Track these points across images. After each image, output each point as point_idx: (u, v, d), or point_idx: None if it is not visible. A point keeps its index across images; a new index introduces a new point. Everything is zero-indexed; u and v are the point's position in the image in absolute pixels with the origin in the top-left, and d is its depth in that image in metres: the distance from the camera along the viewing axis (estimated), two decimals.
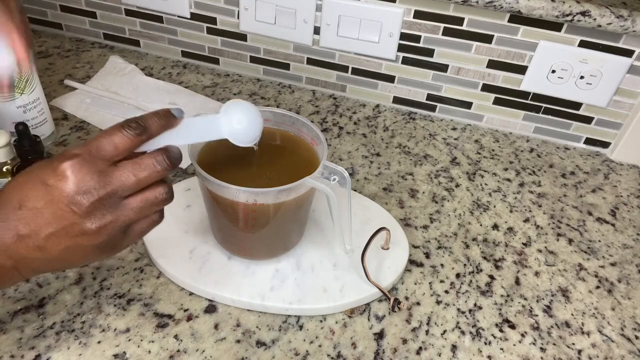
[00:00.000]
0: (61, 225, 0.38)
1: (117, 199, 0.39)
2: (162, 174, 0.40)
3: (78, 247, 0.39)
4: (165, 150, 0.41)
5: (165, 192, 0.41)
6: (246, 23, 0.85)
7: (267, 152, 0.55)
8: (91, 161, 0.38)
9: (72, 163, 0.37)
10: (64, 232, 0.38)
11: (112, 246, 0.40)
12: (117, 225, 0.39)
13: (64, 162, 0.37)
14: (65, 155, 0.38)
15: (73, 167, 0.37)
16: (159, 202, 0.41)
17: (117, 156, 0.39)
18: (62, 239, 0.38)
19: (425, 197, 0.70)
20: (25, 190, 0.38)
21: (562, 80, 0.77)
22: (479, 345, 0.53)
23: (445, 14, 0.76)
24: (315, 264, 0.57)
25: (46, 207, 0.37)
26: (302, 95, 0.88)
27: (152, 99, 0.81)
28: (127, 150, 0.39)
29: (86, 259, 0.41)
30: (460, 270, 0.60)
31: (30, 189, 0.38)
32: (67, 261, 0.40)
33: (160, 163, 0.40)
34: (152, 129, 0.41)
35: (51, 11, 0.95)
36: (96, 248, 0.39)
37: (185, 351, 0.49)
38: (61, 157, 0.38)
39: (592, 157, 0.82)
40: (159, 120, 0.41)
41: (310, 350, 0.50)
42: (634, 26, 0.69)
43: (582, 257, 0.64)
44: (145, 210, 0.41)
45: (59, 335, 0.49)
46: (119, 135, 0.39)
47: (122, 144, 0.39)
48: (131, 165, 0.39)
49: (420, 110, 0.87)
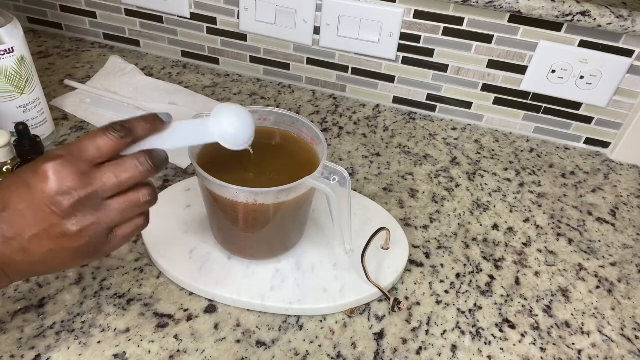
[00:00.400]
0: (43, 226, 0.37)
1: (99, 200, 0.39)
2: (145, 176, 0.40)
3: (60, 249, 0.39)
4: (148, 152, 0.40)
5: (149, 193, 0.41)
6: (246, 23, 0.85)
7: (267, 152, 0.55)
8: (73, 162, 0.37)
9: (54, 164, 0.37)
10: (45, 233, 0.38)
11: (94, 250, 0.40)
12: (99, 227, 0.39)
13: (46, 164, 0.37)
14: (47, 156, 0.38)
15: (54, 168, 0.37)
16: (142, 204, 0.41)
17: (99, 158, 0.39)
18: (44, 241, 0.38)
19: (425, 197, 0.70)
20: (10, 192, 0.38)
21: (562, 80, 0.77)
22: (479, 345, 0.53)
23: (445, 14, 0.76)
24: (315, 264, 0.57)
25: (29, 208, 0.37)
26: (302, 95, 0.88)
27: (152, 99, 0.81)
28: (110, 152, 0.39)
29: (70, 263, 0.41)
30: (460, 270, 0.60)
31: (15, 191, 0.38)
32: (50, 264, 0.40)
33: (143, 164, 0.40)
34: (137, 132, 0.40)
35: (51, 11, 0.95)
36: (78, 251, 0.39)
37: (185, 351, 0.49)
38: (44, 158, 0.38)
39: (592, 157, 0.82)
40: (145, 124, 0.41)
41: (310, 350, 0.50)
42: (634, 26, 0.69)
43: (582, 257, 0.64)
44: (127, 212, 0.40)
45: (59, 335, 0.49)
46: (103, 137, 0.39)
47: (105, 146, 0.39)
48: (113, 167, 0.39)
49: (420, 110, 0.87)
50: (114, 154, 0.39)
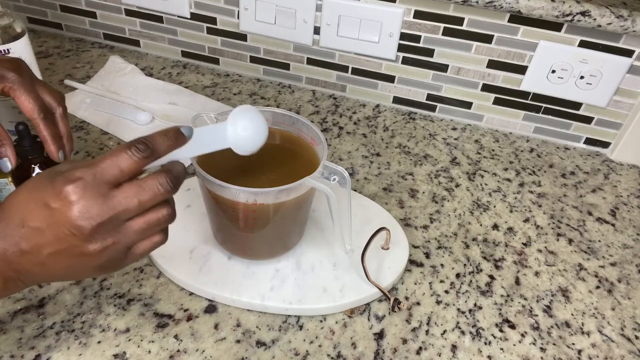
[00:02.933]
0: (63, 246, 0.38)
1: (120, 222, 0.39)
2: (164, 197, 0.40)
3: (79, 265, 0.39)
4: (168, 172, 0.40)
5: (168, 213, 0.41)
6: (246, 23, 0.85)
7: (267, 152, 0.55)
8: (94, 185, 0.37)
9: (75, 187, 0.37)
10: (65, 252, 0.38)
11: (113, 266, 0.41)
12: (118, 247, 0.39)
13: (67, 186, 0.37)
14: (68, 177, 0.37)
15: (75, 191, 0.37)
16: (161, 223, 0.41)
17: (121, 179, 0.38)
18: (63, 258, 0.38)
19: (425, 197, 0.70)
20: (27, 210, 0.38)
21: (562, 80, 0.77)
22: (479, 345, 0.53)
23: (445, 14, 0.76)
24: (315, 264, 0.57)
25: (48, 228, 0.37)
26: (302, 95, 0.88)
27: (152, 99, 0.81)
28: (132, 173, 0.39)
29: (88, 275, 0.42)
30: (460, 270, 0.60)
31: (33, 209, 0.37)
32: (69, 276, 0.41)
33: (164, 185, 0.39)
34: (159, 150, 0.40)
35: (51, 11, 0.95)
36: (97, 267, 0.40)
37: (185, 351, 0.49)
38: (64, 179, 0.37)
39: (592, 157, 0.82)
40: (167, 141, 0.40)
41: (310, 350, 0.50)
42: (634, 26, 0.69)
43: (582, 257, 0.64)
44: (147, 232, 0.40)
45: (59, 335, 0.49)
46: (125, 157, 0.38)
47: (127, 167, 0.38)
48: (134, 189, 0.39)
49: (420, 110, 0.87)
50: (135, 173, 0.39)
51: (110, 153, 0.38)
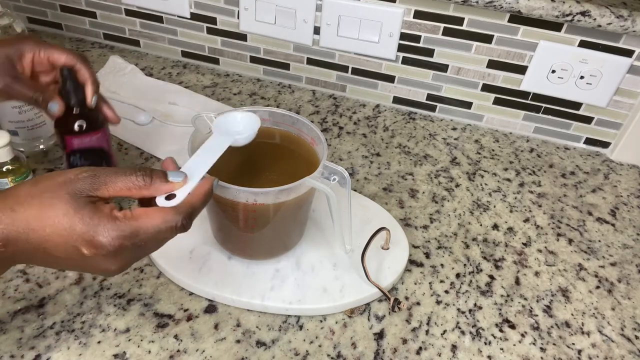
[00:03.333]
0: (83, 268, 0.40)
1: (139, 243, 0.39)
2: (180, 232, 0.40)
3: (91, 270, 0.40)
4: (190, 216, 0.40)
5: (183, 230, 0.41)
6: (246, 23, 0.85)
7: (267, 152, 0.55)
8: (131, 241, 0.38)
9: (116, 249, 0.37)
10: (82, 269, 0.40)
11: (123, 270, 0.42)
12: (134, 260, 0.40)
13: (100, 239, 0.36)
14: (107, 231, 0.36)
15: (113, 248, 0.37)
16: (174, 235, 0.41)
17: None
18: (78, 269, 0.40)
19: (425, 197, 0.70)
20: (53, 243, 0.37)
21: (562, 80, 0.77)
22: (479, 345, 0.53)
23: (445, 14, 0.76)
24: (315, 264, 0.57)
25: (75, 263, 0.38)
26: (302, 95, 0.88)
27: (152, 99, 0.81)
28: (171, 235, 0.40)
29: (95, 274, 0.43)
30: (460, 270, 0.60)
31: (61, 245, 0.37)
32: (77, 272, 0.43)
33: (186, 227, 0.40)
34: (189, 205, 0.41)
35: (51, 11, 0.95)
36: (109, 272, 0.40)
37: (185, 351, 0.49)
38: (103, 229, 0.36)
39: (592, 157, 0.82)
40: None
41: (310, 350, 0.50)
42: (634, 26, 0.69)
43: (582, 257, 0.64)
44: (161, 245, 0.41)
45: (59, 335, 0.49)
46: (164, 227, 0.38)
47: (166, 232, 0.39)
48: (157, 224, 0.38)
49: (420, 110, 0.87)
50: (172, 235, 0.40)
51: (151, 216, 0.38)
